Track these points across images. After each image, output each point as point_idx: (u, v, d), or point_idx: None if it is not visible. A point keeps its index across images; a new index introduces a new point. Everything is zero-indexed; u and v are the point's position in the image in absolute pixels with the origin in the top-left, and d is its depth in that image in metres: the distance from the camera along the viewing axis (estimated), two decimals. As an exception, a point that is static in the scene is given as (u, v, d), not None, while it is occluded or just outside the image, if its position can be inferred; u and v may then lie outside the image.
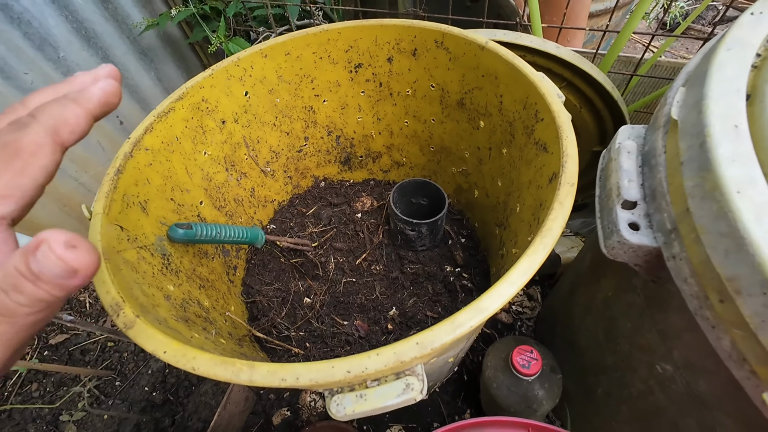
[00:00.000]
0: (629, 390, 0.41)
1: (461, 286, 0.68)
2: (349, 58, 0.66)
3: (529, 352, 0.48)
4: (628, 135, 0.33)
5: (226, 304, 0.58)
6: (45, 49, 0.86)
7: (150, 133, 0.49)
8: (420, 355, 0.26)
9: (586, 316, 0.52)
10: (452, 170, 0.76)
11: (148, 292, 0.38)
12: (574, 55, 0.55)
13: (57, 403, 0.82)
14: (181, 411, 0.82)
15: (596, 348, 0.49)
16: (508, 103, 0.53)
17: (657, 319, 0.33)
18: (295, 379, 0.26)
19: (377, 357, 0.26)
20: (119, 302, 0.31)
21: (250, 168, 0.70)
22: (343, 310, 0.67)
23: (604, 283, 0.45)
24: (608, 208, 0.31)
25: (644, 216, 0.29)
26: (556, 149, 0.39)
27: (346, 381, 0.26)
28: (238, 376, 0.26)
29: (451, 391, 0.81)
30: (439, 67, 0.62)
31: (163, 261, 0.46)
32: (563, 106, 0.41)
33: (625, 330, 0.39)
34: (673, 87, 0.32)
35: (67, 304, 1.00)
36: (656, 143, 0.30)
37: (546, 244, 0.30)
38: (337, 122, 0.76)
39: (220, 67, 0.58)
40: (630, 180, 0.30)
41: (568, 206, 0.33)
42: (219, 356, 0.27)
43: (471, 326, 0.27)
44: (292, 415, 0.80)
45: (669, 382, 0.32)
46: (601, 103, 0.61)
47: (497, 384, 0.52)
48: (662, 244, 0.27)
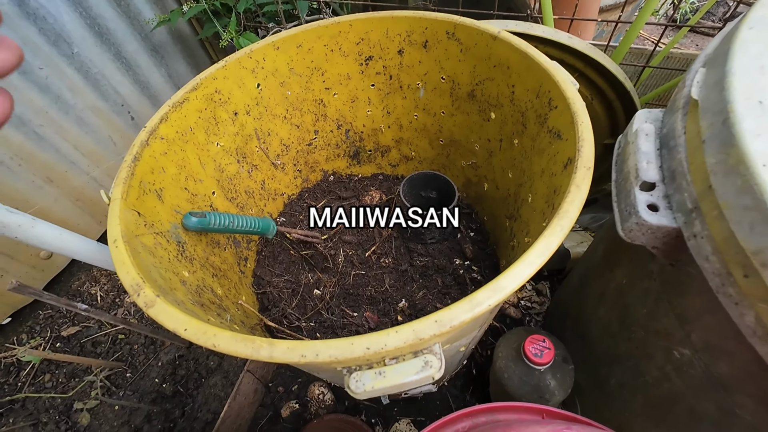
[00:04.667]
0: (644, 378, 0.41)
1: (471, 278, 0.68)
2: (360, 50, 0.66)
3: (542, 341, 0.47)
4: (645, 118, 0.33)
5: (237, 293, 0.58)
6: (60, 44, 0.88)
7: (165, 123, 0.50)
8: (439, 332, 0.26)
9: (598, 307, 0.52)
10: (462, 163, 0.76)
11: (166, 276, 0.38)
12: (586, 45, 0.55)
13: (70, 393, 0.83)
14: (191, 402, 0.83)
15: (609, 337, 0.49)
16: (521, 92, 0.53)
17: (674, 304, 0.32)
18: (315, 356, 0.26)
19: (396, 334, 0.26)
20: (140, 282, 0.31)
21: (261, 160, 0.70)
22: (352, 301, 0.68)
23: (617, 272, 0.45)
24: (626, 191, 0.31)
25: (663, 197, 0.29)
26: (571, 135, 0.39)
27: (365, 358, 0.26)
28: (258, 352, 0.26)
29: (460, 384, 0.80)
30: (450, 58, 0.62)
31: (178, 248, 0.46)
32: (578, 93, 0.41)
33: (640, 317, 0.39)
34: (692, 69, 0.32)
35: (79, 297, 1.01)
36: (675, 125, 0.30)
37: (563, 225, 0.30)
38: (347, 116, 0.76)
39: (233, 59, 0.58)
40: (648, 162, 0.30)
41: (585, 189, 0.33)
42: (239, 333, 0.27)
43: (489, 305, 0.27)
44: (300, 408, 0.80)
45: (687, 366, 0.32)
46: (613, 95, 0.61)
47: (508, 374, 0.52)
48: (682, 224, 0.26)
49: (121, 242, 0.35)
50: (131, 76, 1.04)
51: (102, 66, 0.96)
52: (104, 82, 0.98)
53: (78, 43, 0.90)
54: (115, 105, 1.02)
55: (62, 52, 0.88)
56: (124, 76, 1.02)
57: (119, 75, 1.01)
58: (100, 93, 0.98)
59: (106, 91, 0.99)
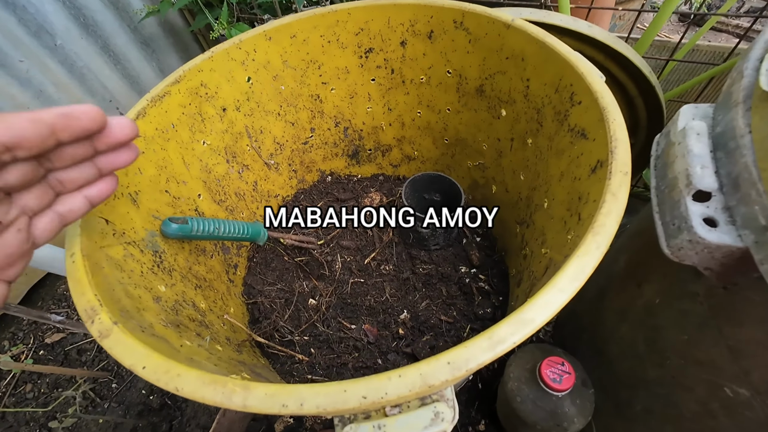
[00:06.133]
0: (679, 410, 0.36)
1: (477, 288, 0.63)
2: (359, 41, 0.61)
3: (561, 364, 0.43)
4: (692, 115, 0.28)
5: (225, 305, 0.53)
6: (42, 36, 0.83)
7: (143, 119, 0.45)
8: (452, 377, 0.21)
9: (620, 324, 0.47)
10: (468, 164, 0.71)
11: (134, 294, 0.33)
12: (608, 35, 0.50)
13: (51, 405, 0.78)
14: (179, 416, 0.78)
15: (634, 359, 0.44)
16: (537, 87, 0.48)
17: (726, 334, 0.28)
18: (298, 405, 0.21)
19: (399, 380, 0.21)
20: (95, 306, 0.26)
21: (252, 160, 0.65)
22: (350, 312, 0.63)
23: (646, 289, 0.40)
24: (673, 201, 0.26)
25: (723, 209, 0.24)
26: (600, 134, 0.34)
27: (361, 408, 0.21)
28: (230, 400, 0.22)
29: (465, 399, 0.76)
30: (457, 50, 0.57)
31: (154, 258, 0.41)
32: (606, 86, 0.36)
33: (678, 343, 0.34)
34: (750, 58, 0.27)
35: (65, 302, 0.97)
36: (735, 122, 0.25)
37: (600, 243, 0.25)
38: (346, 112, 0.71)
39: (220, 50, 0.53)
40: (704, 167, 0.25)
41: (623, 199, 0.28)
42: (208, 374, 0.23)
43: (513, 342, 0.22)
44: (295, 423, 0.75)
45: (742, 407, 0.27)
46: (635, 90, 0.56)
47: (521, 398, 0.47)
48: (752, 243, 0.22)
49: (79, 256, 0.30)
50: (120, 70, 0.99)
51: (88, 59, 0.91)
52: (91, 77, 0.93)
53: (61, 34, 0.85)
54: (103, 101, 0.97)
55: (44, 44, 0.83)
56: (113, 71, 0.97)
57: (107, 69, 0.96)
58: (87, 88, 0.93)
59: (93, 86, 0.94)
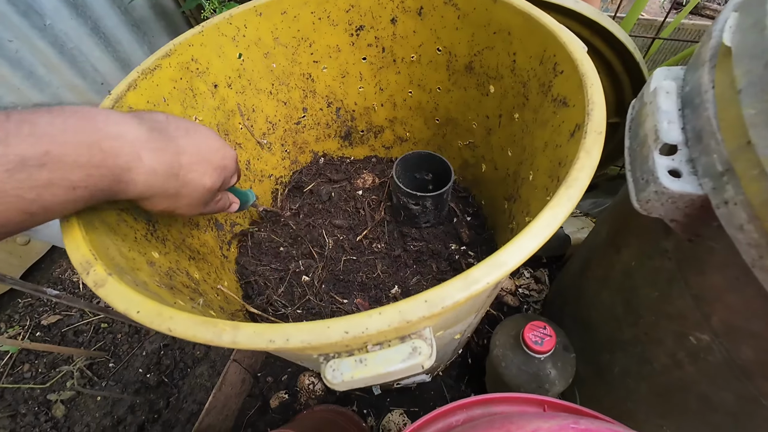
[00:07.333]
0: (651, 365, 0.38)
1: (467, 264, 0.65)
2: (349, 19, 0.61)
3: (542, 328, 0.44)
4: (664, 76, 0.29)
5: (218, 278, 0.55)
6: (30, 16, 0.82)
7: (134, 91, 0.45)
8: (429, 314, 0.23)
9: (601, 291, 0.49)
10: (458, 144, 0.72)
11: (128, 255, 0.34)
12: (594, 10, 0.51)
13: (48, 383, 0.79)
14: (176, 393, 0.80)
15: (612, 322, 0.46)
16: (523, 60, 0.49)
17: (692, 283, 0.29)
18: (284, 341, 0.22)
19: (379, 316, 0.23)
20: (90, 259, 0.28)
21: (245, 139, 0.66)
22: (342, 288, 0.64)
23: (624, 253, 0.42)
24: (643, 157, 0.27)
25: (686, 162, 0.25)
26: (579, 100, 0.35)
27: (343, 343, 0.23)
28: (220, 337, 0.23)
29: (455, 375, 0.78)
30: (446, 27, 0.57)
31: (147, 227, 0.42)
32: (587, 55, 0.37)
33: (650, 300, 0.36)
34: (720, 19, 0.28)
35: (60, 284, 0.97)
36: (701, 80, 0.26)
37: (571, 195, 0.27)
38: (338, 92, 0.72)
39: (210, 24, 0.54)
40: (670, 122, 0.26)
41: (596, 156, 0.29)
42: (199, 316, 0.24)
43: (487, 283, 0.24)
44: (290, 398, 0.77)
45: (704, 352, 0.29)
46: (620, 67, 0.57)
47: (506, 363, 0.49)
48: (710, 190, 0.23)
49: (74, 216, 0.31)
50: (111, 52, 0.98)
51: (78, 41, 0.90)
52: (82, 59, 0.92)
53: (51, 15, 0.85)
54: (94, 83, 0.97)
55: (33, 24, 0.83)
56: (104, 53, 0.97)
57: (98, 51, 0.95)
58: (78, 70, 0.93)
59: (84, 68, 0.94)
